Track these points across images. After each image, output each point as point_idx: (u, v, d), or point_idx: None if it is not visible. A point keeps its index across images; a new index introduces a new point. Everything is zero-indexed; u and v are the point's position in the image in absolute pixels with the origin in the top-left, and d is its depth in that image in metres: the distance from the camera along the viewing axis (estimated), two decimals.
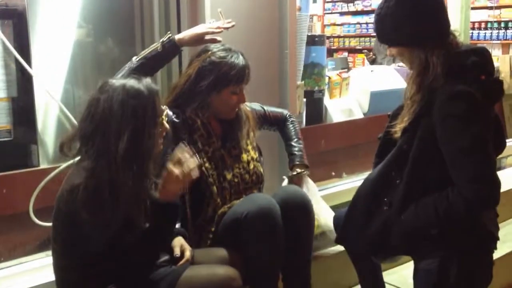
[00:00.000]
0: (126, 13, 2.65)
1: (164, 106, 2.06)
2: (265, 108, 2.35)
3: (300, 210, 1.99)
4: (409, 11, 1.76)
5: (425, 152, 1.69)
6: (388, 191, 1.76)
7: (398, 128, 1.79)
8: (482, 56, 1.75)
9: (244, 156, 2.13)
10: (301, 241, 2.02)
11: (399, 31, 1.79)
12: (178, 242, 1.88)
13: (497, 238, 1.78)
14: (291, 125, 2.39)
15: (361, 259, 2.05)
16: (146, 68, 1.97)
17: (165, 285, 1.71)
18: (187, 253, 1.85)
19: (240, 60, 2.05)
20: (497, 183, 1.61)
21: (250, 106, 2.26)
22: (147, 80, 1.68)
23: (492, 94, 1.72)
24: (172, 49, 2.03)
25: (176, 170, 1.65)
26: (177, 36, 2.04)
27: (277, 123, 2.39)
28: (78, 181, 1.54)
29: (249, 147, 2.16)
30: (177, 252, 1.84)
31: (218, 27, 2.07)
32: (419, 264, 1.81)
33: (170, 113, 2.06)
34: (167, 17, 2.58)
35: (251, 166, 2.13)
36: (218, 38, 2.08)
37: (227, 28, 2.09)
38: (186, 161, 1.67)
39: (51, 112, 2.42)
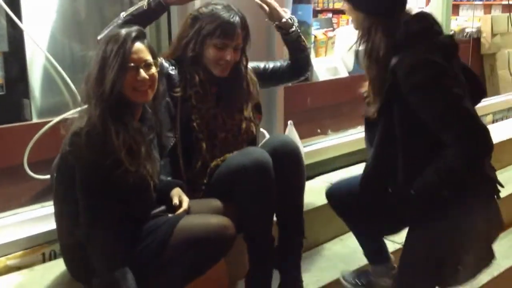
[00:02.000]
0: None
1: (160, 58, 2.09)
2: (265, 64, 2.35)
3: (290, 158, 2.03)
4: None
5: (409, 127, 1.70)
6: (389, 173, 1.76)
7: (372, 112, 1.79)
8: (425, 20, 1.74)
9: (237, 116, 2.15)
10: (293, 188, 2.07)
11: None
12: (177, 192, 1.93)
13: (500, 184, 1.79)
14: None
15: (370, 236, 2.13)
16: (133, 24, 1.97)
17: (161, 234, 1.76)
18: (185, 204, 1.89)
19: (230, 17, 2.04)
20: (484, 130, 1.62)
21: (250, 65, 2.25)
22: (133, 26, 1.78)
23: (448, 50, 1.72)
24: (157, 7, 2.03)
25: None
26: None
27: (282, 69, 2.38)
28: (80, 124, 1.66)
29: (244, 107, 2.17)
30: (175, 201, 1.89)
31: None
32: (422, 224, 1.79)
33: (166, 64, 2.08)
34: None
35: (243, 125, 2.15)
36: None
37: None
38: None
39: (42, 67, 2.42)
